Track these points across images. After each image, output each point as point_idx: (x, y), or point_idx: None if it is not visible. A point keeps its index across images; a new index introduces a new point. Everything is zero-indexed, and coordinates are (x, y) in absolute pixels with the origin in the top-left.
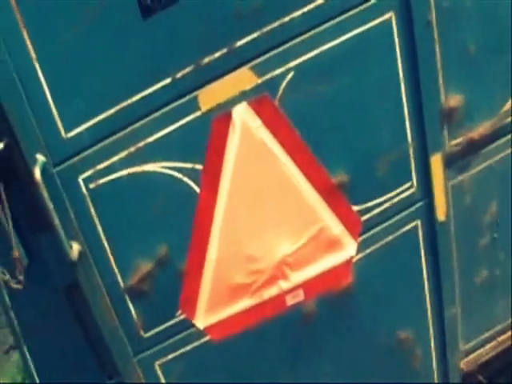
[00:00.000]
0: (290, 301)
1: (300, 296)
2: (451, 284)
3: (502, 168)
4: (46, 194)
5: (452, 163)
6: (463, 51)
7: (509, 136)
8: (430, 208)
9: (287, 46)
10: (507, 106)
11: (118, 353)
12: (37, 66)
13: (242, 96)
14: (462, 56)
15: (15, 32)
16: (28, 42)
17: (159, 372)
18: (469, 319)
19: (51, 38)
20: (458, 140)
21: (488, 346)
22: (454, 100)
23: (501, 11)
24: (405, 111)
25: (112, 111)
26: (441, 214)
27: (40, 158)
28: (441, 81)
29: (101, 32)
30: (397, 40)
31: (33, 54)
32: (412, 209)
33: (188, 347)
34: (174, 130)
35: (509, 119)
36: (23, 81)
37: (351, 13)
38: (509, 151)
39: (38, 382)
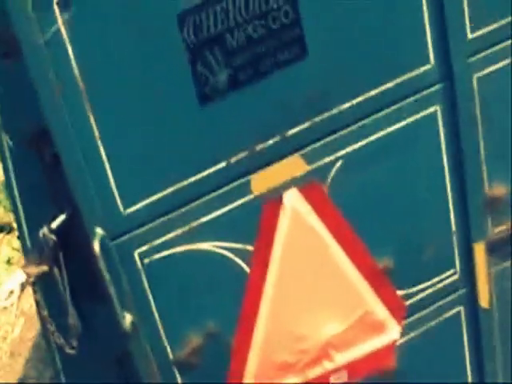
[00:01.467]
0: (334, 381)
1: (344, 377)
2: (494, 371)
3: None
4: (103, 266)
5: (495, 250)
6: (507, 142)
7: None
8: (473, 295)
9: (336, 135)
10: None
11: None
12: (99, 143)
13: (293, 182)
14: (506, 147)
15: (82, 112)
16: (93, 123)
17: None
18: None
19: (115, 120)
20: (502, 227)
21: None
22: (498, 190)
23: None
24: (449, 200)
25: (169, 191)
26: (484, 301)
27: (99, 231)
28: (485, 171)
29: (161, 116)
30: (442, 131)
31: (97, 134)
32: (455, 295)
33: None
34: (227, 212)
35: None
36: (87, 158)
37: (398, 105)
38: None
39: None
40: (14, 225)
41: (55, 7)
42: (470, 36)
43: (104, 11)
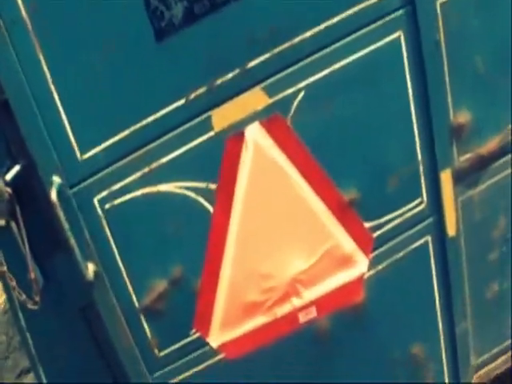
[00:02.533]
0: (303, 318)
1: (313, 313)
2: (462, 298)
3: (510, 183)
4: (62, 215)
5: (461, 179)
6: (472, 69)
7: None
8: (440, 224)
9: (297, 66)
10: None
11: (133, 372)
12: (52, 88)
13: (255, 116)
14: (471, 74)
15: (31, 54)
16: (44, 65)
17: None
18: (480, 333)
19: (67, 61)
20: (467, 156)
21: (500, 360)
22: (463, 117)
23: (508, 30)
24: (414, 128)
25: (127, 133)
26: (451, 229)
27: (56, 179)
28: (450, 98)
29: (115, 54)
30: (406, 59)
31: (48, 77)
32: (422, 225)
33: (202, 366)
34: (187, 151)
35: None
36: (39, 103)
37: (360, 32)
38: None
39: None
40: None
41: None
42: None
43: None
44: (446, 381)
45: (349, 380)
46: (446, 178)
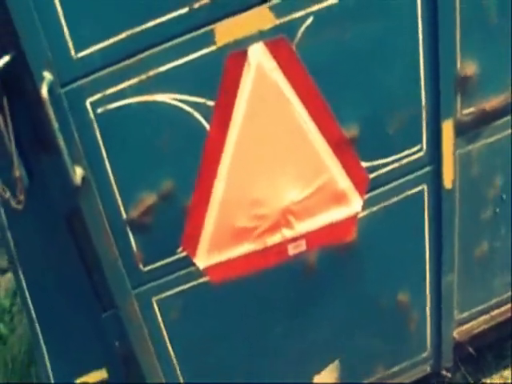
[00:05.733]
0: (292, 250)
1: (302, 246)
2: (451, 252)
3: (510, 143)
4: (51, 114)
5: (462, 132)
6: (484, 20)
7: None
8: (437, 174)
9: None
10: None
11: (115, 285)
12: None
13: (260, 35)
14: (482, 24)
15: None
16: None
17: (156, 308)
18: (465, 289)
19: None
20: (470, 109)
21: (481, 319)
22: (470, 69)
23: None
24: (421, 72)
25: (125, 35)
26: (447, 182)
27: (48, 75)
28: (458, 47)
29: None
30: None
31: None
32: (419, 173)
33: (186, 285)
34: (187, 62)
35: None
36: None
37: None
38: None
39: (30, 306)
40: None
41: None
42: None
43: None
44: (428, 331)
45: (331, 318)
46: (447, 128)
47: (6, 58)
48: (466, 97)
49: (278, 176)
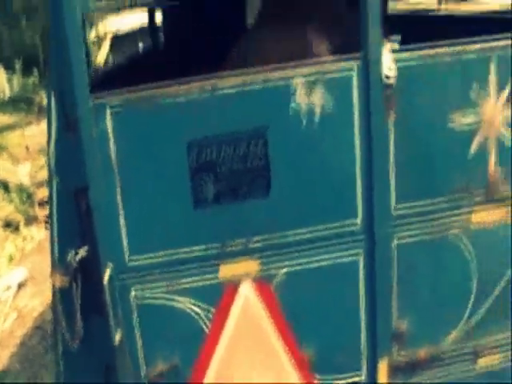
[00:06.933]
0: None
1: None
2: None
3: None
4: (107, 295)
5: (396, 372)
6: (416, 292)
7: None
8: None
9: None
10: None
11: None
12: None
13: (250, 276)
14: (415, 297)
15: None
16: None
17: None
18: None
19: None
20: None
21: None
22: (403, 325)
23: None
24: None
25: (163, 255)
26: None
27: (110, 266)
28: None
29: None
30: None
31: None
32: None
33: None
34: (202, 282)
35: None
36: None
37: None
38: None
39: None
40: (21, 225)
41: None
42: None
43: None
44: None
45: None
46: (383, 366)
47: (85, 249)
48: (400, 345)
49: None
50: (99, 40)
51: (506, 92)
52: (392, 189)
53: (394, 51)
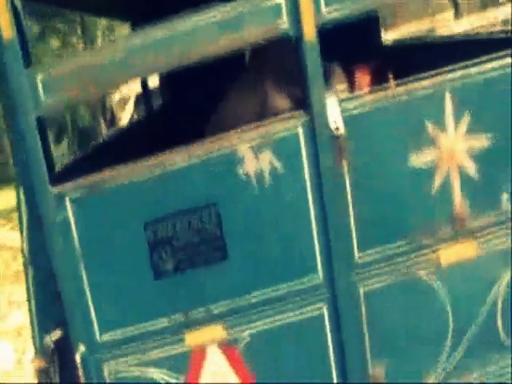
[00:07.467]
0: None
1: None
2: None
3: None
4: (81, 370)
5: None
6: (390, 336)
7: None
8: None
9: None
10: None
11: None
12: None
13: (216, 342)
14: (390, 341)
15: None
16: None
17: None
18: None
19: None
20: None
21: None
22: (379, 369)
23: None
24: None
25: (131, 330)
26: None
27: (82, 347)
28: (368, 353)
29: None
30: (327, 327)
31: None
32: None
33: None
34: (170, 352)
35: None
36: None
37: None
38: None
39: None
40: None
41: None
42: None
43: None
44: None
45: None
46: None
47: (59, 333)
48: None
49: None
50: None
51: (466, 122)
52: (353, 238)
53: (340, 101)
